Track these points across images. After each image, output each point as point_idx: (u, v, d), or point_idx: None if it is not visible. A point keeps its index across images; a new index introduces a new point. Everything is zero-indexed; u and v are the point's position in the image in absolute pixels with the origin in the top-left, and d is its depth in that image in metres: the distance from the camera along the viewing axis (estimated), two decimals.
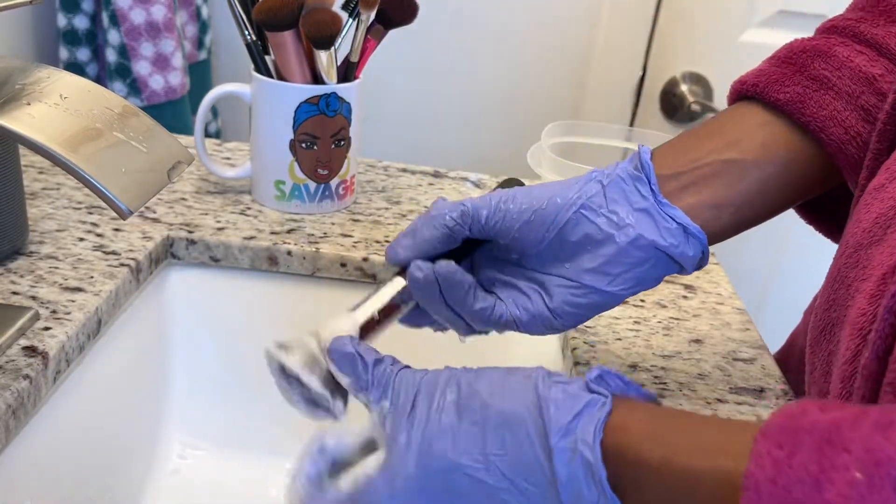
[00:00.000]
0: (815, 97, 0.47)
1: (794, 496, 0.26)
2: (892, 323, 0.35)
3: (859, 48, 0.49)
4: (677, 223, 0.45)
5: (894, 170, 0.42)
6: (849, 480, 0.25)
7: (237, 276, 0.68)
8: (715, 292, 0.68)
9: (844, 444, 0.26)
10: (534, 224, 0.45)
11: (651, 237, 0.44)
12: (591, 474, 0.33)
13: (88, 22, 1.01)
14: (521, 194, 0.46)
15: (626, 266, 0.45)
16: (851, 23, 0.50)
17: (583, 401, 0.34)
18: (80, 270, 0.59)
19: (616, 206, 0.45)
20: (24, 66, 0.40)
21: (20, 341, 0.50)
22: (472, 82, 1.28)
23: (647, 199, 0.45)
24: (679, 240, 0.45)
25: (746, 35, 1.17)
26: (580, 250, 0.45)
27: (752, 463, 0.28)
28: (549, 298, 0.46)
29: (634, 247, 0.44)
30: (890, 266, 0.37)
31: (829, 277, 0.44)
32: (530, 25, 1.25)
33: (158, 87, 1.02)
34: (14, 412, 0.46)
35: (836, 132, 0.47)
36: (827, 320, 0.43)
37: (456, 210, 0.45)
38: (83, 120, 0.38)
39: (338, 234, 0.70)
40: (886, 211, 0.40)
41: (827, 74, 0.48)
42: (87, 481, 0.57)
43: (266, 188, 0.73)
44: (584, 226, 0.45)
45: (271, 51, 0.69)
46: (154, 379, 0.68)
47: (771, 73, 0.49)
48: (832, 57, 0.49)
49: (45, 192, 0.71)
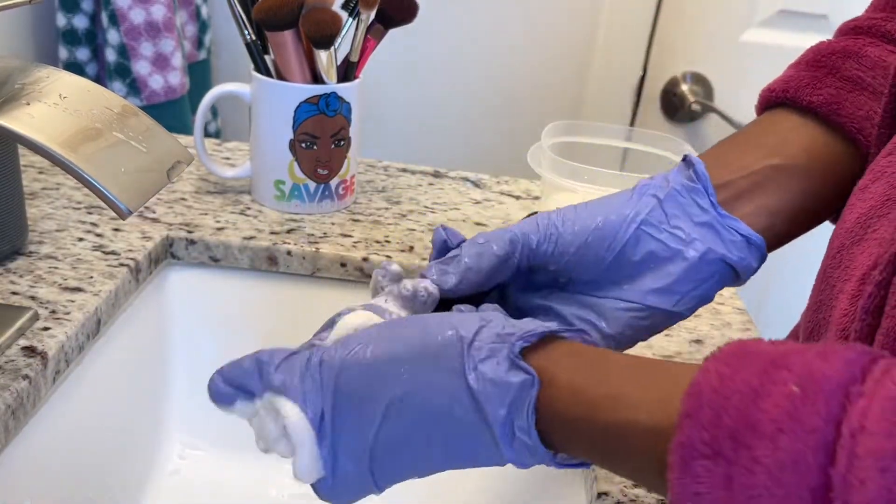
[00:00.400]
0: (851, 98, 0.46)
1: (731, 403, 0.27)
2: (870, 323, 0.35)
3: (890, 48, 0.48)
4: (741, 235, 0.43)
5: (878, 170, 0.42)
6: (786, 393, 0.26)
7: (237, 276, 0.68)
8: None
9: (787, 365, 0.28)
10: (591, 245, 0.42)
11: (720, 251, 0.42)
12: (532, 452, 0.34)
13: (88, 21, 1.01)
14: (571, 214, 0.43)
15: (695, 283, 0.42)
16: (878, 22, 0.49)
17: (512, 389, 0.33)
18: (79, 270, 0.59)
19: (678, 220, 0.42)
20: (23, 66, 0.40)
21: (19, 341, 0.50)
22: (472, 82, 1.28)
23: (707, 211, 0.43)
24: (745, 252, 0.43)
25: (747, 35, 1.17)
26: (642, 270, 0.42)
27: (699, 375, 0.29)
28: (607, 324, 0.42)
29: (704, 262, 0.42)
30: (868, 266, 0.37)
31: (817, 279, 0.44)
32: (530, 25, 1.24)
33: (158, 86, 1.02)
34: (13, 412, 0.46)
35: (873, 133, 0.45)
36: (815, 321, 0.43)
37: (503, 238, 0.42)
38: (83, 120, 0.38)
39: (338, 234, 0.70)
40: (867, 211, 0.40)
41: (860, 75, 0.47)
42: (86, 481, 0.57)
43: (266, 188, 0.72)
44: (648, 243, 0.42)
45: (271, 50, 0.69)
46: (154, 379, 0.68)
47: (801, 78, 0.48)
48: (864, 57, 0.48)
49: (44, 192, 0.71)
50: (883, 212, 0.39)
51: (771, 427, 0.26)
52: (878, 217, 0.39)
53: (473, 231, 0.73)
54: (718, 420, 0.27)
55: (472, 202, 0.80)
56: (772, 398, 0.26)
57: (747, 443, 0.26)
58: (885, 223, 0.38)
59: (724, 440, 0.27)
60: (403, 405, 0.35)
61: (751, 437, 0.26)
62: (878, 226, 0.39)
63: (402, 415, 0.35)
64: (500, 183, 0.86)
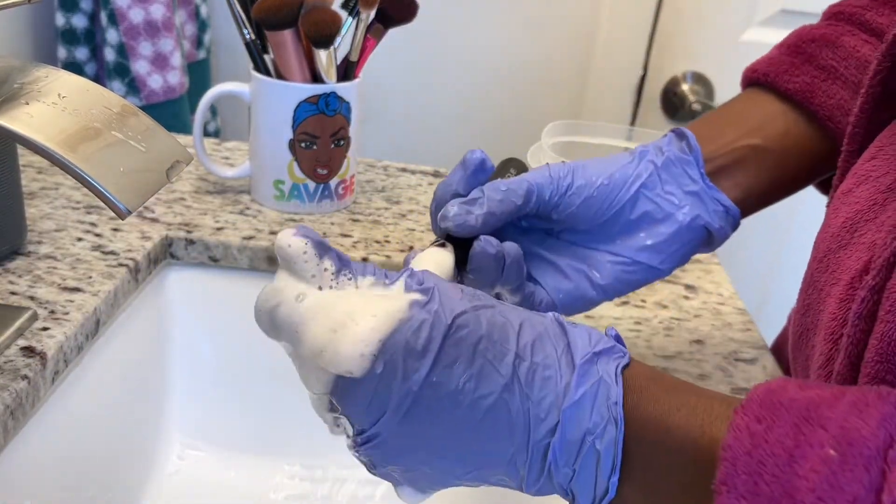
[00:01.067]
0: (823, 87, 0.50)
1: (767, 469, 0.26)
2: (862, 328, 0.35)
3: (865, 37, 0.51)
4: (723, 206, 0.48)
5: (861, 174, 0.42)
6: (823, 457, 0.26)
7: (236, 276, 0.68)
8: (716, 293, 0.68)
9: (821, 421, 0.27)
10: (594, 200, 0.46)
11: (706, 218, 0.47)
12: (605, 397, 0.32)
13: (87, 21, 1.01)
14: (581, 170, 0.46)
15: (680, 244, 0.47)
16: (858, 10, 0.52)
17: (605, 342, 0.34)
18: (78, 270, 0.59)
19: (670, 187, 0.47)
20: (22, 66, 0.40)
21: (18, 342, 0.50)
22: (472, 82, 1.28)
23: (696, 182, 0.47)
24: (724, 222, 0.48)
25: (748, 34, 1.17)
26: (636, 228, 0.46)
27: (731, 435, 0.28)
28: (599, 275, 0.46)
29: (690, 227, 0.47)
30: (857, 270, 0.38)
31: (803, 283, 0.45)
32: (530, 25, 1.24)
33: (157, 86, 1.02)
34: (12, 413, 0.45)
35: (843, 121, 0.49)
36: (803, 325, 0.43)
37: (522, 187, 0.44)
38: (82, 119, 0.38)
39: (337, 234, 0.69)
40: (853, 215, 0.41)
41: (834, 64, 0.50)
42: (86, 481, 0.57)
43: (265, 188, 0.72)
44: (645, 204, 0.46)
45: (270, 50, 0.69)
46: (153, 379, 0.68)
47: (781, 62, 0.52)
48: (839, 47, 0.51)
49: (43, 192, 0.71)
50: (870, 216, 0.40)
51: (811, 497, 0.25)
52: (866, 221, 0.40)
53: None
54: (756, 488, 0.26)
55: None
56: (809, 462, 0.26)
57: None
58: (872, 227, 0.39)
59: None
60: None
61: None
62: (866, 230, 0.39)
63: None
64: None
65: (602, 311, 0.63)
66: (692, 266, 0.71)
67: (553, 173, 0.45)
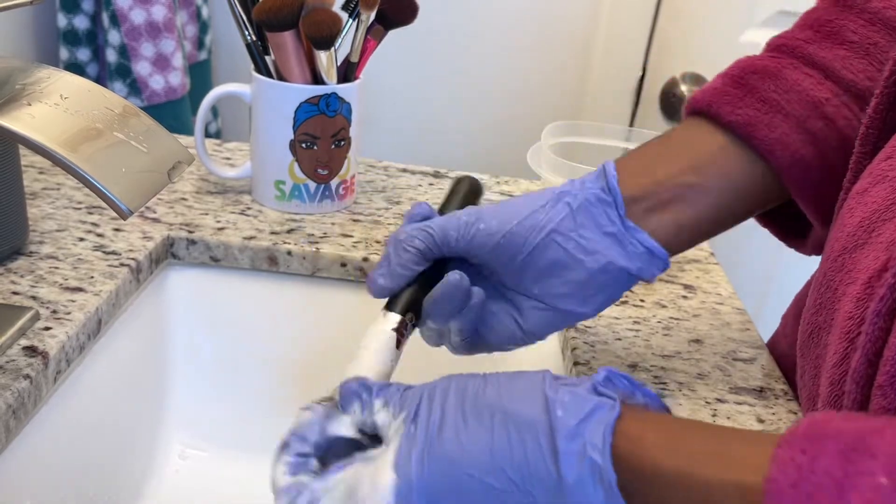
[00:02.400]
0: (766, 120, 0.48)
1: (815, 501, 0.26)
2: (881, 326, 0.35)
3: (807, 71, 0.50)
4: (644, 247, 0.46)
5: (876, 174, 0.42)
6: (874, 485, 0.25)
7: (237, 277, 0.68)
8: (715, 292, 0.68)
9: (870, 450, 0.26)
10: (503, 246, 0.45)
11: (620, 263, 0.46)
12: (599, 478, 0.32)
13: (89, 22, 1.01)
14: (489, 214, 0.46)
15: (596, 289, 0.46)
16: (800, 43, 0.51)
17: (590, 403, 0.34)
18: (80, 270, 0.59)
19: (584, 230, 0.46)
20: (24, 67, 0.40)
21: (20, 341, 0.50)
22: (471, 82, 1.28)
23: (615, 223, 0.46)
24: (645, 262, 0.46)
25: (746, 35, 1.17)
26: (549, 274, 0.46)
27: (775, 468, 0.27)
28: (524, 320, 0.47)
29: (603, 272, 0.46)
30: (875, 269, 0.37)
31: (816, 282, 0.44)
32: (530, 25, 1.25)
33: (159, 87, 1.02)
34: (14, 412, 0.46)
35: (783, 155, 0.48)
36: (814, 324, 0.43)
37: (422, 233, 0.45)
38: (83, 120, 0.38)
39: (338, 235, 0.70)
40: (870, 214, 0.40)
41: (776, 98, 0.49)
42: (87, 481, 0.57)
43: (266, 188, 0.73)
44: (554, 250, 0.45)
45: (271, 51, 0.69)
46: (154, 379, 0.68)
47: (724, 93, 0.50)
48: (782, 80, 0.50)
49: (45, 192, 0.71)
50: (888, 216, 0.39)
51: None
52: (883, 221, 0.39)
53: None
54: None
55: None
56: (859, 492, 0.25)
57: None
58: (890, 227, 0.38)
59: None
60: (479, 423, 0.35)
61: None
62: (884, 229, 0.39)
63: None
64: (500, 183, 0.86)
65: (601, 312, 0.63)
66: (691, 266, 0.72)
67: (461, 219, 0.46)
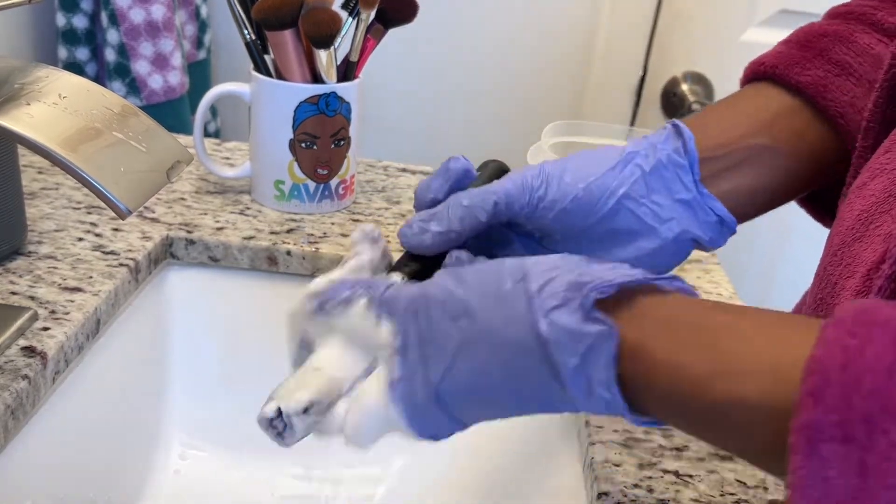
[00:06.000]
0: (837, 82, 0.47)
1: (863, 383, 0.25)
2: None
3: (878, 36, 0.48)
4: (716, 215, 0.44)
5: (875, 168, 0.42)
6: None
7: (237, 276, 0.68)
8: (715, 292, 0.68)
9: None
10: (569, 213, 0.42)
11: (695, 232, 0.43)
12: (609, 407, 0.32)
13: (87, 21, 1.01)
14: (555, 180, 0.43)
15: (664, 258, 0.43)
16: (868, 10, 0.49)
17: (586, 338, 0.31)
18: (78, 270, 0.59)
19: (658, 196, 0.43)
20: (23, 66, 0.40)
21: (19, 341, 0.50)
22: (471, 82, 1.28)
23: (690, 190, 0.43)
24: (716, 232, 0.44)
25: (747, 34, 1.17)
26: (616, 241, 0.43)
27: (820, 349, 0.26)
28: None
29: (676, 241, 0.43)
30: (874, 262, 0.37)
31: (816, 276, 0.44)
32: (530, 25, 1.24)
33: (157, 86, 1.02)
34: (13, 412, 0.46)
35: (855, 119, 0.46)
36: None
37: (488, 202, 0.42)
38: (82, 119, 0.38)
39: (337, 234, 0.70)
40: (868, 207, 0.40)
41: (848, 60, 0.47)
42: (86, 481, 0.57)
43: (265, 188, 0.72)
44: (626, 217, 0.42)
45: (271, 50, 0.69)
46: (154, 379, 0.68)
47: (791, 56, 0.48)
48: (853, 43, 0.48)
49: (43, 192, 0.71)
50: (885, 208, 0.39)
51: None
52: (881, 213, 0.39)
53: None
54: (849, 401, 0.25)
55: None
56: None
57: (885, 427, 0.24)
58: (888, 219, 0.38)
59: (857, 423, 0.25)
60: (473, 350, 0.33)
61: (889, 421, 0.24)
62: (881, 222, 0.39)
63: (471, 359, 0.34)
64: None
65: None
66: (691, 266, 0.72)
67: (526, 183, 0.42)
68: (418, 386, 0.34)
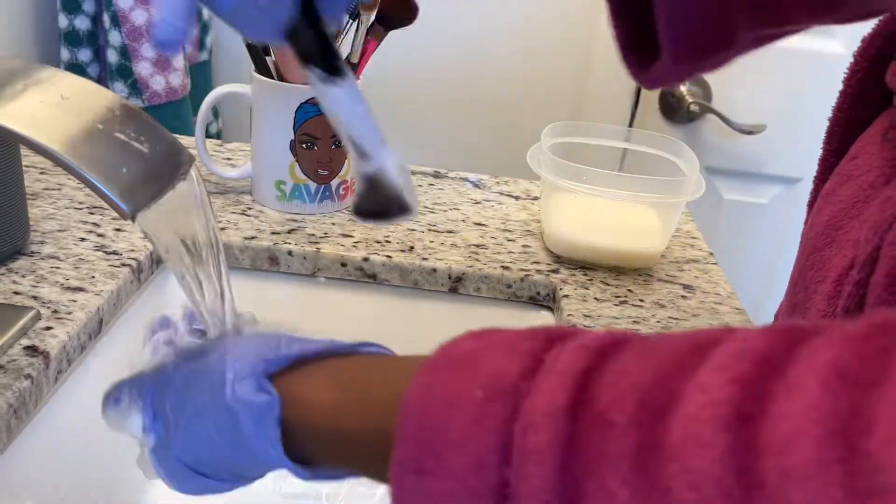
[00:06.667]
0: None
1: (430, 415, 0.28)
2: None
3: None
4: None
5: (844, 173, 0.43)
6: (472, 399, 0.27)
7: (238, 276, 0.68)
8: (714, 292, 0.68)
9: (475, 368, 0.28)
10: None
11: None
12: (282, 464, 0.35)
13: (90, 23, 1.01)
14: None
15: None
16: None
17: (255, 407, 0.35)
18: (81, 270, 0.59)
19: None
20: (25, 67, 0.40)
21: (22, 341, 0.50)
22: (472, 83, 1.28)
23: None
24: None
25: None
26: None
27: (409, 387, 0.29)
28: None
29: None
30: (843, 267, 0.38)
31: (791, 281, 0.45)
32: (530, 26, 1.25)
33: (159, 87, 1.03)
34: (16, 412, 0.46)
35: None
36: None
37: None
38: (84, 120, 0.38)
39: (338, 235, 0.70)
40: (837, 213, 0.41)
41: None
42: (88, 481, 0.57)
43: (267, 188, 0.73)
44: None
45: (272, 51, 0.69)
46: None
47: None
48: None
49: (46, 193, 0.71)
50: (853, 213, 0.40)
51: (458, 435, 0.27)
52: (850, 219, 0.40)
53: (472, 231, 0.73)
54: (420, 433, 0.28)
55: (472, 202, 0.80)
56: (460, 406, 0.27)
57: (441, 454, 0.27)
58: (856, 225, 0.39)
59: (425, 454, 0.27)
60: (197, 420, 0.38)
61: (443, 447, 0.27)
62: (850, 227, 0.40)
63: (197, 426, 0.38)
64: (499, 183, 0.86)
65: (600, 311, 0.63)
66: (690, 266, 0.72)
67: None
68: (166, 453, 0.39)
